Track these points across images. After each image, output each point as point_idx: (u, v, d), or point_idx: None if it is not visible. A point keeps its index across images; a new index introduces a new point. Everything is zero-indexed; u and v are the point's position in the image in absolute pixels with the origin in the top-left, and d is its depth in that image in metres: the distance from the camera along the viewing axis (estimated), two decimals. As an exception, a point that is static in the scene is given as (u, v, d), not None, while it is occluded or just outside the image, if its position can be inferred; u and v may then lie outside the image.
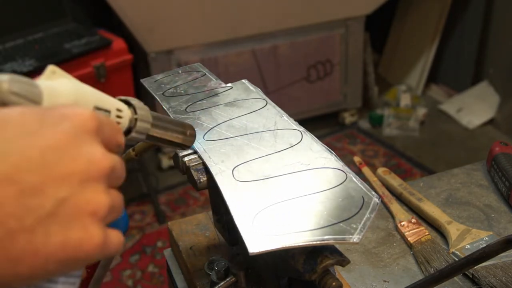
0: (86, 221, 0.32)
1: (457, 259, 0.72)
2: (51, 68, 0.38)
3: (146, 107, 0.45)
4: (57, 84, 0.37)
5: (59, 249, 0.31)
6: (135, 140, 0.45)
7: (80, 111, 0.34)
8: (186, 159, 0.58)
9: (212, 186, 0.56)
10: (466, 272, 0.70)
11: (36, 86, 0.35)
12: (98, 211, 0.33)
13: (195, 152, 0.59)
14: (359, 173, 0.85)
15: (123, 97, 0.44)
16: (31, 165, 0.31)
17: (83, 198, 0.32)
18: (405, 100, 2.91)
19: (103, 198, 0.34)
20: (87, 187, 0.33)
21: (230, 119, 0.64)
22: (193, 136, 0.52)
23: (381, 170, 0.91)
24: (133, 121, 0.43)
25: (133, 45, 2.31)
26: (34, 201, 0.30)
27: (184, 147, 0.51)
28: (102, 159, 0.34)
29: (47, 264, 0.31)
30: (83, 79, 2.41)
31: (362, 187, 0.53)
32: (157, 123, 0.46)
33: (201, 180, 0.57)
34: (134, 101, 0.44)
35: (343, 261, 0.52)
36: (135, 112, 0.44)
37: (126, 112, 0.43)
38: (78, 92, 0.38)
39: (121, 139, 0.38)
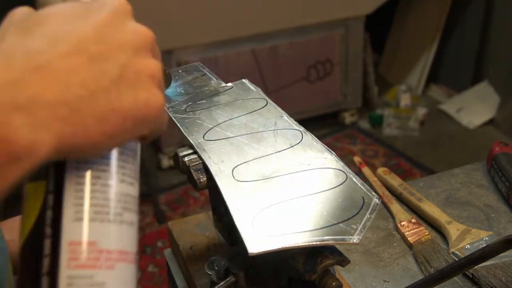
0: (148, 82, 0.37)
1: (457, 259, 0.72)
2: None
3: None
4: None
5: (132, 107, 0.35)
6: None
7: None
8: (186, 159, 0.58)
9: (212, 186, 0.56)
10: (466, 272, 0.70)
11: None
12: (155, 74, 0.37)
13: (195, 152, 0.59)
14: (359, 173, 0.85)
15: None
16: (91, 39, 0.35)
17: (140, 63, 0.37)
18: (405, 100, 2.91)
19: (156, 63, 0.38)
20: (140, 55, 0.37)
21: (230, 119, 0.64)
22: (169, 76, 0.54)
23: (381, 170, 0.91)
24: None
25: (133, 45, 2.31)
26: (103, 66, 0.34)
27: None
28: (145, 30, 0.39)
29: (125, 122, 0.35)
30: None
31: (362, 187, 0.53)
32: None
33: (201, 180, 0.57)
34: None
35: (343, 261, 0.52)
36: None
37: None
38: None
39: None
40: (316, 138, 0.61)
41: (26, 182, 0.38)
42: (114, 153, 0.39)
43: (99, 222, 0.37)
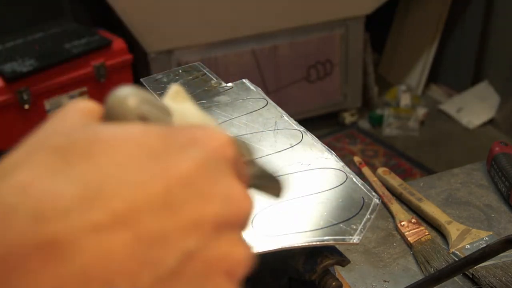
0: (219, 279, 0.23)
1: (457, 259, 0.72)
2: (176, 89, 0.30)
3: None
4: (184, 108, 0.29)
5: None
6: None
7: (216, 134, 0.25)
8: (186, 159, 0.58)
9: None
10: (466, 272, 0.70)
11: (168, 113, 0.27)
12: (235, 269, 0.24)
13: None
14: (359, 173, 0.85)
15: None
16: (153, 204, 0.22)
17: (217, 252, 0.23)
18: (405, 100, 2.91)
19: (242, 251, 0.24)
20: (222, 236, 0.23)
21: (230, 119, 0.64)
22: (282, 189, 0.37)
23: (381, 170, 0.91)
24: None
25: (133, 45, 2.31)
26: (153, 254, 0.21)
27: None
28: (242, 198, 0.25)
29: None
30: (83, 79, 2.40)
31: (362, 187, 0.53)
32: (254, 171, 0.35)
33: (201, 180, 0.57)
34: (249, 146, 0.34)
35: (343, 261, 0.52)
36: None
37: None
38: (205, 121, 0.29)
39: (247, 179, 0.29)
40: (316, 138, 0.61)
41: None
42: None
43: None
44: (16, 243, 0.20)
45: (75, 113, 0.25)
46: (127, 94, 0.25)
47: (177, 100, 0.29)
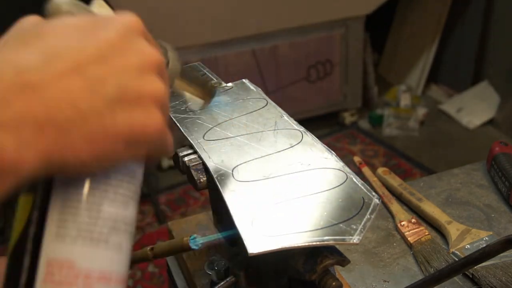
0: (147, 104, 0.36)
1: (457, 259, 0.72)
2: (99, 2, 0.43)
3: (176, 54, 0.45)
4: (104, 12, 0.42)
5: (125, 130, 0.34)
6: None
7: (127, 15, 0.38)
8: (186, 159, 0.58)
9: (212, 186, 0.56)
10: (466, 272, 0.70)
11: (93, 13, 0.40)
12: (156, 95, 0.36)
13: (195, 152, 0.59)
14: (359, 173, 0.85)
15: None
16: (91, 59, 0.34)
17: (142, 85, 0.35)
18: (405, 100, 2.91)
19: (160, 84, 0.37)
20: (144, 76, 0.36)
21: (230, 119, 0.64)
22: (213, 90, 0.51)
23: (381, 170, 0.91)
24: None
25: (133, 45, 2.30)
26: (99, 87, 0.33)
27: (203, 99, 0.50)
28: (153, 52, 0.37)
29: (116, 144, 0.34)
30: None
31: (362, 187, 0.53)
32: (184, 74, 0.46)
33: (201, 180, 0.57)
34: (168, 46, 0.45)
35: (343, 261, 0.52)
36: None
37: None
38: None
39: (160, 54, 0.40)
40: (316, 138, 0.61)
41: (20, 195, 0.38)
42: (108, 172, 0.37)
43: (81, 241, 0.35)
44: (1, 83, 0.31)
45: (29, 19, 0.37)
46: (61, 1, 0.39)
47: (100, 10, 0.43)
